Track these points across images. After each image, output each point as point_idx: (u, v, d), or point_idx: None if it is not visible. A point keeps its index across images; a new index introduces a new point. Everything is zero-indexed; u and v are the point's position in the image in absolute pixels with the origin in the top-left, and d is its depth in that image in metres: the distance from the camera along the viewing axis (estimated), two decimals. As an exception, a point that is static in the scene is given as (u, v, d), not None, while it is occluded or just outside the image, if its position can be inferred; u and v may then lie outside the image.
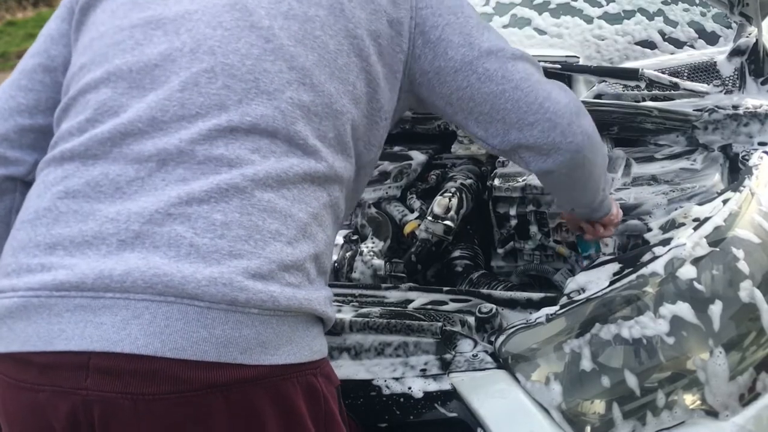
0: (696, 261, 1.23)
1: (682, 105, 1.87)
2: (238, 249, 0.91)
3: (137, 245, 0.90)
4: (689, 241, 1.25)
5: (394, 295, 1.44)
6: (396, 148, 2.04)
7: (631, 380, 1.14)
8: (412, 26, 1.13)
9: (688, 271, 1.21)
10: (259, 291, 0.90)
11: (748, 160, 1.58)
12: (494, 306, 1.29)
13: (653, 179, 1.65)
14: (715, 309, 1.19)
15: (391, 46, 1.12)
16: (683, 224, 1.36)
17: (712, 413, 1.16)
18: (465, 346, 1.24)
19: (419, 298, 1.42)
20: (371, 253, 1.66)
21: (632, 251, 1.38)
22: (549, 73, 2.07)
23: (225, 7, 1.04)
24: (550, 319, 1.21)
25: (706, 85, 1.93)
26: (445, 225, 1.67)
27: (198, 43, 1.01)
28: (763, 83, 1.87)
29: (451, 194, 1.74)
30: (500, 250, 1.79)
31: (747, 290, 1.23)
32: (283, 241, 0.95)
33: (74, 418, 0.88)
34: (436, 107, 1.21)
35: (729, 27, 2.41)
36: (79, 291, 0.89)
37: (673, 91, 1.97)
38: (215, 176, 0.94)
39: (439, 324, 1.25)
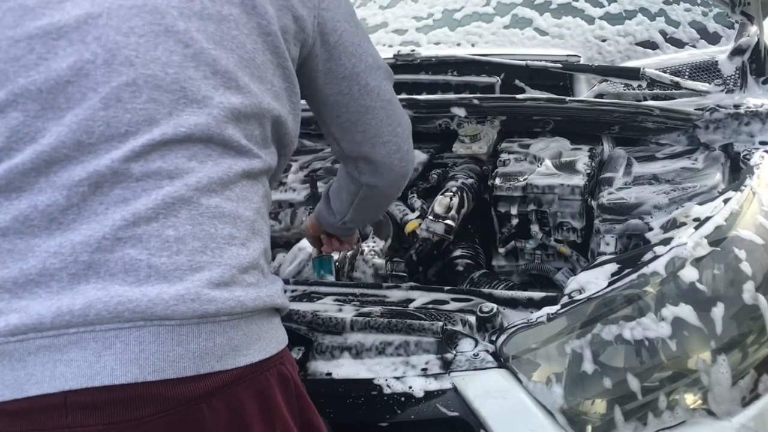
0: (697, 261, 1.23)
1: (684, 104, 1.87)
2: (197, 261, 0.91)
3: (91, 276, 0.87)
4: (690, 241, 1.25)
5: (395, 295, 1.44)
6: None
7: (633, 381, 1.14)
8: (314, 25, 1.14)
9: (689, 272, 1.21)
10: (227, 299, 0.91)
11: (749, 160, 1.58)
12: (495, 305, 1.29)
13: (654, 178, 1.65)
14: (717, 311, 1.19)
15: (294, 41, 1.12)
16: (684, 224, 1.35)
17: (714, 414, 1.16)
18: (466, 345, 1.24)
19: (420, 298, 1.42)
20: (372, 252, 1.66)
21: (633, 251, 1.38)
22: (549, 72, 2.09)
23: (132, 10, 0.96)
24: (551, 318, 1.21)
25: (707, 85, 1.93)
26: (446, 224, 1.67)
27: (111, 53, 0.94)
28: (764, 82, 1.87)
29: (452, 193, 1.74)
30: (501, 250, 1.79)
31: (749, 291, 1.22)
32: (237, 244, 0.95)
33: None
34: (308, 101, 1.24)
35: (731, 27, 2.41)
36: (37, 332, 0.85)
37: (674, 91, 1.97)
38: (158, 191, 0.91)
39: (440, 323, 1.25)
